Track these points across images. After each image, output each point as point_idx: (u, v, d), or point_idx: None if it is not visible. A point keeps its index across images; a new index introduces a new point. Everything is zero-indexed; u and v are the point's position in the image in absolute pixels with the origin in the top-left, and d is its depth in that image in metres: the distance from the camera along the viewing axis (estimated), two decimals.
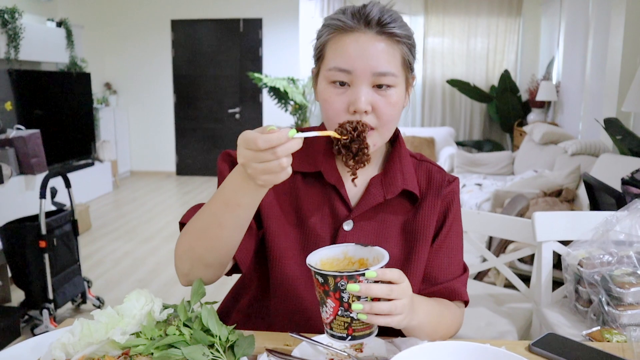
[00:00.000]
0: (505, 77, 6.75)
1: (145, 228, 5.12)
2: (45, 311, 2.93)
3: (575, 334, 1.39)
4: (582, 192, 3.59)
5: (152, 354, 0.84)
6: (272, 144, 0.75)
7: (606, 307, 1.41)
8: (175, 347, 0.84)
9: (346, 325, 0.79)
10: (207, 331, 0.87)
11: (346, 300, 0.77)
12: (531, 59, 7.13)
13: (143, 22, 7.44)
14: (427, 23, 7.05)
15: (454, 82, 6.81)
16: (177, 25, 7.44)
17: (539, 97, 6.16)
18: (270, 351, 0.90)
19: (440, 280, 1.06)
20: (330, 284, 0.77)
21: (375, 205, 1.04)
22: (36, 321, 3.00)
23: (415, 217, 1.06)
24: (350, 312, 0.77)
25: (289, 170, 0.78)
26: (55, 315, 2.97)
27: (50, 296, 2.97)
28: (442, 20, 7.05)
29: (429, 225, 1.06)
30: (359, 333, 0.79)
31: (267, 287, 1.09)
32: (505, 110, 6.73)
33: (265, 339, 0.99)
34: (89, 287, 3.33)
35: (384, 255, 0.82)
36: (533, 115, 6.53)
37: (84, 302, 3.32)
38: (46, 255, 2.94)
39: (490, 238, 3.01)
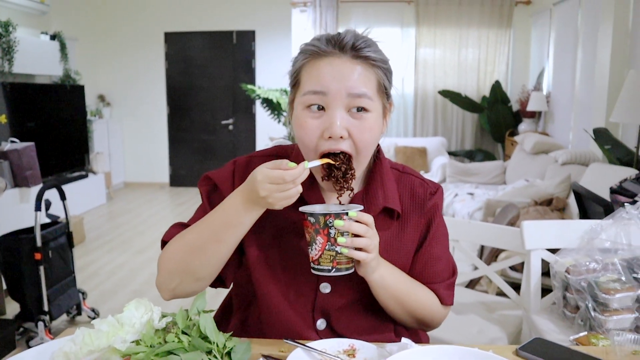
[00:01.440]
0: (496, 87, 6.83)
1: (140, 239, 5.13)
2: (40, 323, 2.93)
3: (563, 339, 1.42)
4: (573, 201, 3.64)
5: None
6: (295, 177, 0.88)
7: (592, 313, 1.45)
8: (175, 354, 0.87)
9: (331, 258, 0.95)
10: (204, 338, 0.90)
11: (333, 236, 0.94)
12: (522, 69, 7.22)
13: (136, 35, 7.49)
14: (419, 34, 7.13)
15: (445, 93, 6.89)
16: (171, 38, 7.49)
17: (530, 108, 6.23)
18: (266, 357, 0.92)
19: (422, 283, 1.11)
20: (320, 222, 0.93)
21: None
22: (31, 333, 3.00)
23: (399, 234, 1.09)
24: (335, 247, 0.94)
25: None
26: (50, 327, 2.98)
27: (46, 308, 2.97)
28: (433, 32, 7.13)
29: (412, 242, 1.10)
30: (341, 266, 0.95)
31: (257, 301, 1.12)
32: (496, 120, 6.81)
33: (260, 346, 1.01)
34: (84, 298, 3.33)
35: (358, 207, 0.98)
36: (524, 125, 6.61)
37: (79, 313, 3.32)
38: (41, 268, 2.95)
39: (482, 247, 3.04)
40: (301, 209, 0.96)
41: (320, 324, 1.09)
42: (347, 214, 0.93)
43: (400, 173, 1.13)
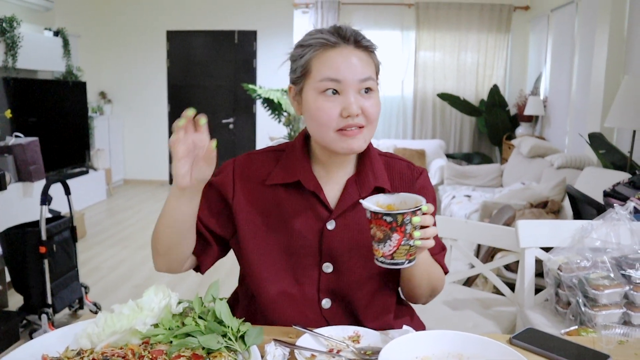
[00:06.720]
0: (495, 91, 6.90)
1: (140, 235, 5.18)
2: (44, 316, 2.97)
3: (555, 333, 1.48)
4: (567, 204, 3.71)
5: (170, 342, 0.93)
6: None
7: (583, 308, 1.52)
8: (192, 336, 0.93)
9: (406, 252, 0.99)
10: (220, 323, 0.96)
11: (409, 232, 0.97)
12: (519, 74, 7.30)
13: (139, 33, 7.54)
14: (419, 38, 7.20)
15: (444, 96, 6.96)
16: (173, 36, 7.55)
17: (527, 112, 6.31)
18: (277, 341, 0.99)
19: None
20: (398, 220, 0.96)
21: (353, 203, 1.16)
22: (34, 326, 3.05)
23: None
24: (409, 240, 0.97)
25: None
26: (53, 320, 3.03)
27: (49, 301, 3.02)
28: (433, 35, 7.20)
29: None
30: (412, 257, 1.00)
31: (260, 290, 1.19)
32: (494, 123, 6.88)
33: (271, 332, 1.08)
34: (86, 292, 3.39)
35: (415, 197, 1.02)
36: (521, 129, 6.68)
37: (81, 307, 3.38)
38: (46, 261, 3.00)
39: (479, 246, 3.11)
40: (374, 209, 0.98)
41: (325, 303, 1.17)
42: (420, 209, 0.97)
43: (389, 158, 1.25)
